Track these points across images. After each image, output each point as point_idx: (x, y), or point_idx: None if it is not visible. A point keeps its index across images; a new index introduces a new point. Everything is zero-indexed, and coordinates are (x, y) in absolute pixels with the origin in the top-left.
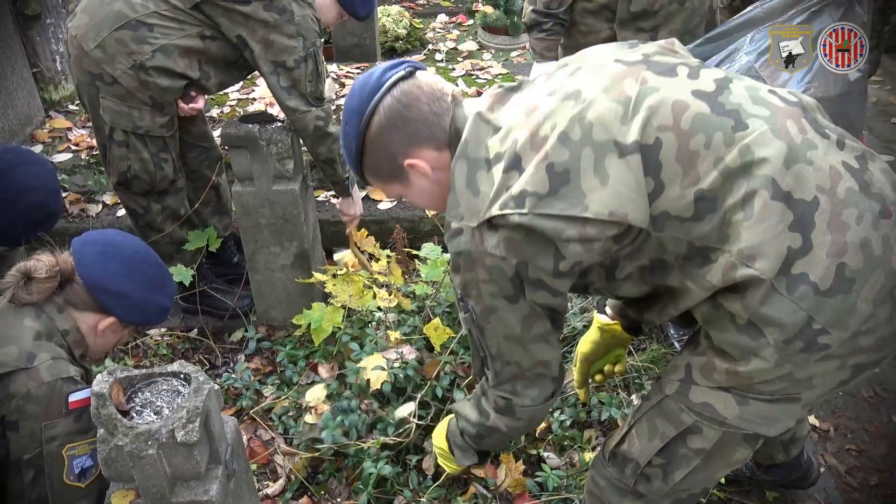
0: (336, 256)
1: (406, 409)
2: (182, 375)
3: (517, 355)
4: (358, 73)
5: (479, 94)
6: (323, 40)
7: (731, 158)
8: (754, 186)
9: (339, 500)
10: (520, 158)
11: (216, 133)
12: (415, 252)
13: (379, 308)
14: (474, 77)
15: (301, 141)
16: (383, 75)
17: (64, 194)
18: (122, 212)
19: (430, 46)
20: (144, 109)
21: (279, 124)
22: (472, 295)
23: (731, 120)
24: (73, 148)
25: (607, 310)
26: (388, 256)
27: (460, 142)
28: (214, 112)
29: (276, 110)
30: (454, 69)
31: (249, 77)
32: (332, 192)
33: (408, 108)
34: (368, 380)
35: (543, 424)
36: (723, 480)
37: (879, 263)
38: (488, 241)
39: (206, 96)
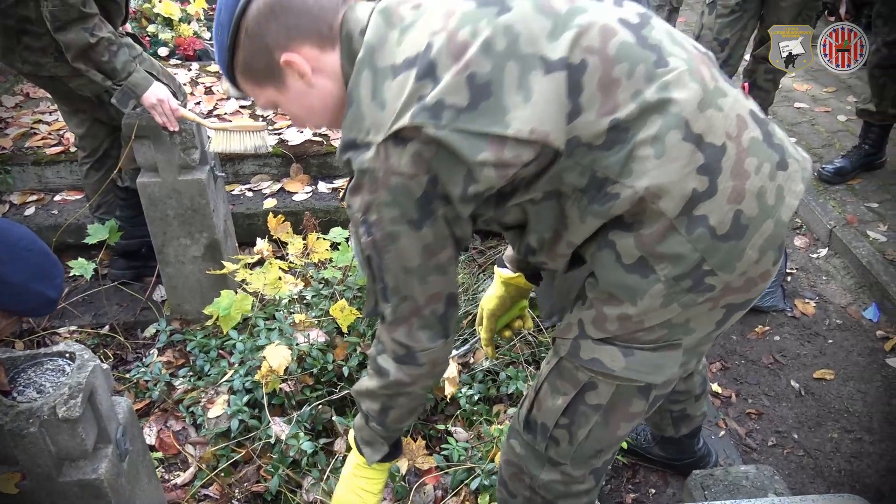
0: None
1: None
2: (67, 355)
3: (414, 289)
4: None
5: None
6: None
7: (650, 93)
8: (668, 124)
9: (246, 485)
10: (435, 65)
11: None
12: (326, 238)
13: (290, 294)
14: None
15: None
16: None
17: None
18: (30, 211)
19: None
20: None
21: None
22: (373, 219)
23: (654, 55)
24: None
25: (506, 263)
26: (304, 241)
27: (363, 46)
28: None
29: (189, 105)
30: None
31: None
32: (247, 186)
33: None
34: (271, 366)
35: (452, 390)
36: (624, 445)
37: (771, 213)
38: (394, 157)
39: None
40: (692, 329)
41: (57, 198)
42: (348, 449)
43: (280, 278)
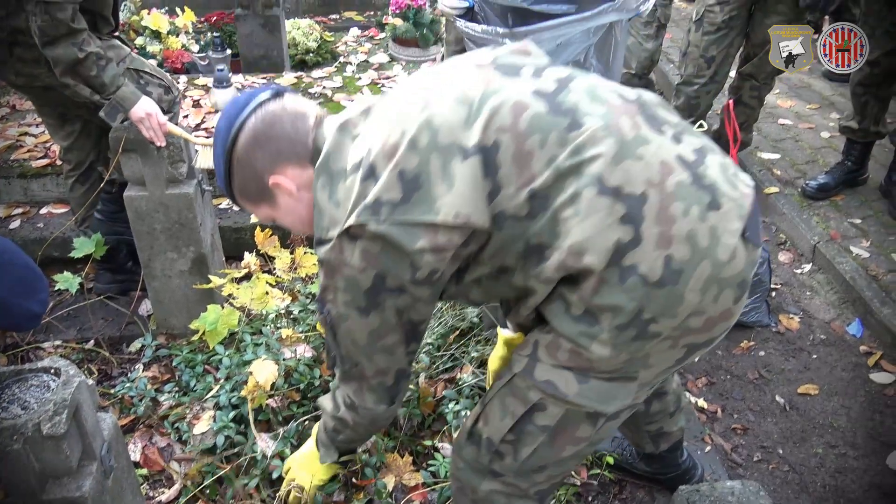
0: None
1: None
2: (53, 370)
3: (362, 361)
4: (264, 83)
5: None
6: (230, 53)
7: (562, 158)
8: (582, 184)
9: (232, 501)
10: (375, 167)
11: None
12: (313, 253)
13: (277, 309)
14: (380, 86)
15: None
16: (250, 97)
17: None
18: (15, 224)
19: (341, 59)
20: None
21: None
22: (329, 299)
23: (567, 119)
24: None
25: (508, 324)
26: (292, 255)
27: (322, 155)
28: None
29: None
30: (360, 78)
31: None
32: None
33: (271, 126)
34: (257, 382)
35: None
36: (611, 461)
37: (706, 255)
38: (347, 251)
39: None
40: (650, 364)
41: (43, 211)
42: None
43: (267, 293)
